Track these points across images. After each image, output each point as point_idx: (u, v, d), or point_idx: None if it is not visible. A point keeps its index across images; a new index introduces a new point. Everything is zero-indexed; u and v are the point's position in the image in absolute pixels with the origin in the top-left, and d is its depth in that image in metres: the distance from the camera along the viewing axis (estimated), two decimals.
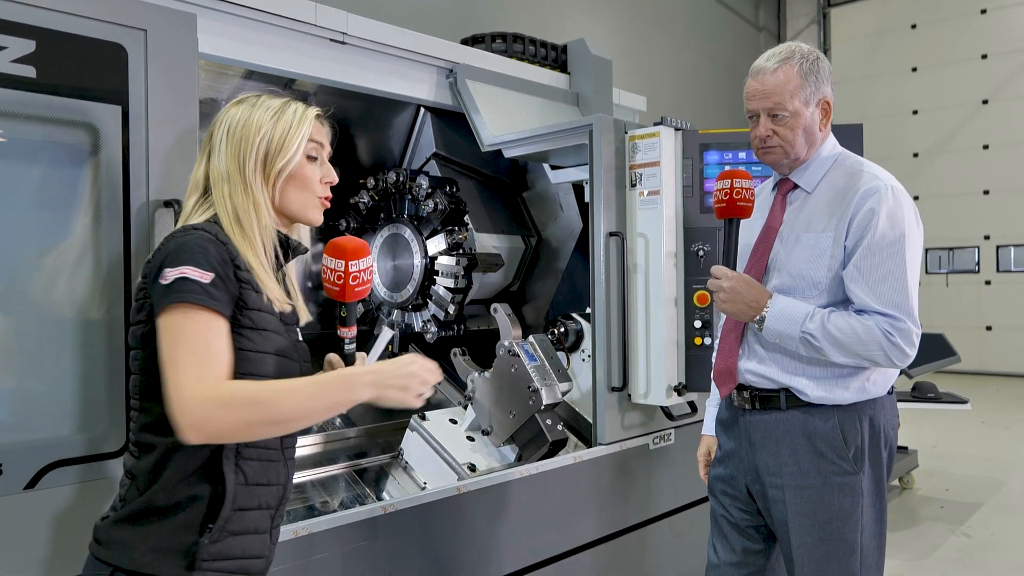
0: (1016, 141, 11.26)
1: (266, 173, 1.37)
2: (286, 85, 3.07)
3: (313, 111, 1.44)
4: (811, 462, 1.81)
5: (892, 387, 1.89)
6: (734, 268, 1.85)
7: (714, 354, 2.19)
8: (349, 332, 1.46)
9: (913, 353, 1.73)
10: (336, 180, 1.47)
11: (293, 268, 1.47)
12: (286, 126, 1.38)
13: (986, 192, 11.54)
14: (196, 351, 1.17)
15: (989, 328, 11.41)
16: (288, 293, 1.41)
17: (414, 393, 1.30)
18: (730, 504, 1.99)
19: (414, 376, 1.31)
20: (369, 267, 1.43)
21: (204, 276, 1.20)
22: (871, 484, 1.81)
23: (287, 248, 1.42)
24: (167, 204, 1.74)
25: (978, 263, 11.60)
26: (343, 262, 1.39)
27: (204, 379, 1.16)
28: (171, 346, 1.18)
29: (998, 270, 11.45)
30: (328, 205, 1.47)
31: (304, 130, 1.40)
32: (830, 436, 1.80)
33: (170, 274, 1.19)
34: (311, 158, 1.43)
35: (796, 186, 1.92)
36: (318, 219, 1.46)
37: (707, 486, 2.09)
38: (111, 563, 1.22)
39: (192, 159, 1.78)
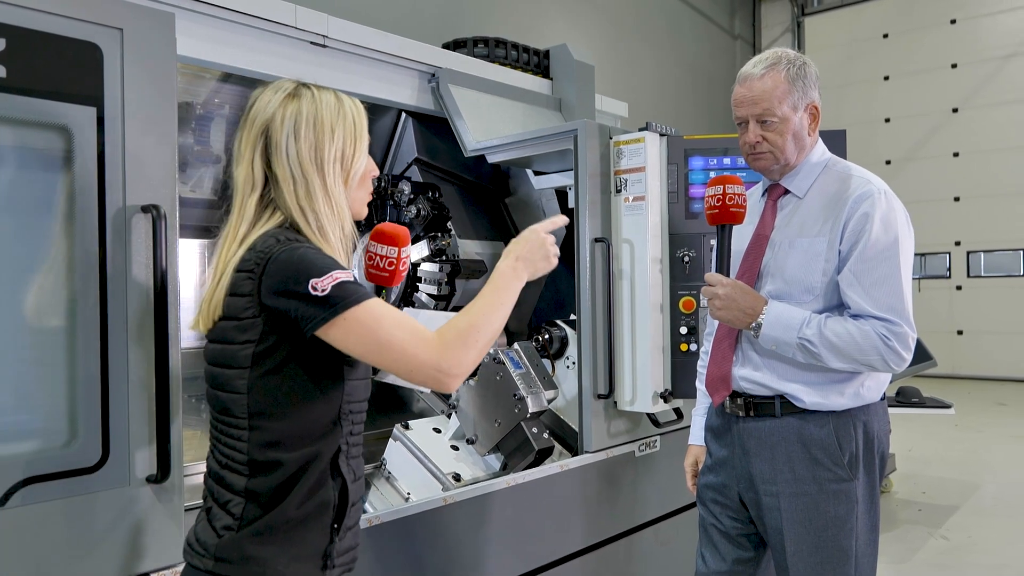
0: (985, 149, 11.49)
1: (344, 175, 1.38)
2: None
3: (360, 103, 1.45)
4: (806, 469, 1.79)
5: (884, 393, 1.89)
6: (728, 275, 1.84)
7: (699, 362, 2.18)
8: None
9: (909, 357, 1.72)
10: (377, 172, 1.50)
11: None
12: (351, 123, 1.39)
13: (956, 199, 11.75)
14: (402, 326, 1.24)
15: (960, 332, 11.60)
16: None
17: (553, 256, 1.47)
18: (721, 512, 1.97)
19: (546, 242, 1.46)
20: (410, 253, 1.52)
21: (351, 276, 1.25)
22: (865, 491, 1.80)
23: None
24: (144, 209, 1.67)
25: (949, 268, 11.80)
26: (396, 248, 1.49)
27: (427, 339, 1.25)
28: (378, 341, 1.23)
29: (969, 275, 11.66)
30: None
31: (366, 126, 1.42)
32: (826, 442, 1.78)
33: (322, 284, 1.21)
34: None
35: (787, 191, 1.92)
36: (366, 212, 1.49)
37: (696, 495, 2.07)
38: None
39: (171, 164, 1.72)
